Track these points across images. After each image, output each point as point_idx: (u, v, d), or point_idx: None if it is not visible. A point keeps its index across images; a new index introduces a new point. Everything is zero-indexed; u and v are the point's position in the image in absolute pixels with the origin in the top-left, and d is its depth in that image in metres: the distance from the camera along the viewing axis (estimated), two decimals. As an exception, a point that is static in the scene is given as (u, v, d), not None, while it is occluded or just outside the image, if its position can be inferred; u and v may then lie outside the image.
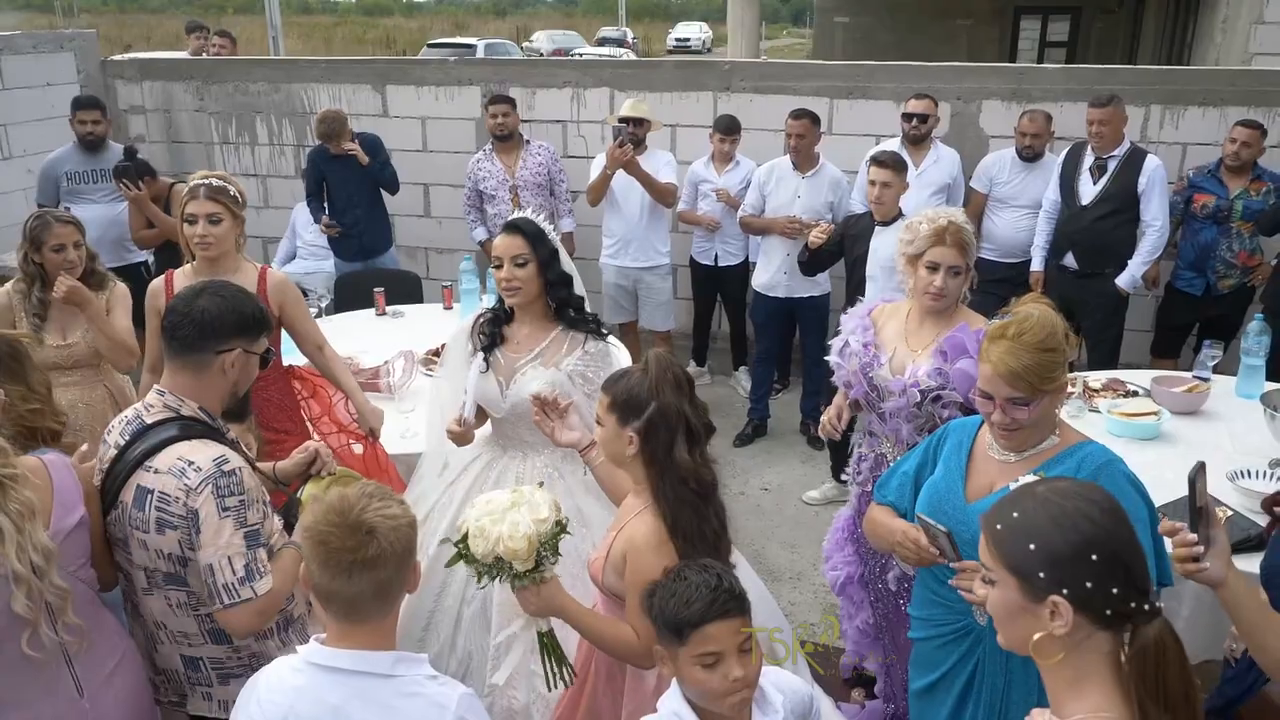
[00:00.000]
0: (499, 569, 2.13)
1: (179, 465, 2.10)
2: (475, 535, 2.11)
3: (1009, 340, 2.09)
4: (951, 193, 5.46)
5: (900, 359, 2.98)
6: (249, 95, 7.12)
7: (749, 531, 4.71)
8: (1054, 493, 1.47)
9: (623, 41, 36.22)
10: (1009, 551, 1.45)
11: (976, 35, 17.14)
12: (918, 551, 2.23)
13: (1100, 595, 1.38)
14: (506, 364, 2.94)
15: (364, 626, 1.73)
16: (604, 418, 2.26)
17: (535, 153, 5.88)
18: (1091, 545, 1.39)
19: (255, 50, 17.98)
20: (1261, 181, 4.99)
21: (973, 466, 2.28)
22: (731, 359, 6.41)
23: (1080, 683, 1.42)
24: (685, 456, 2.19)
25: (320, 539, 1.69)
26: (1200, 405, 3.80)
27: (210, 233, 3.20)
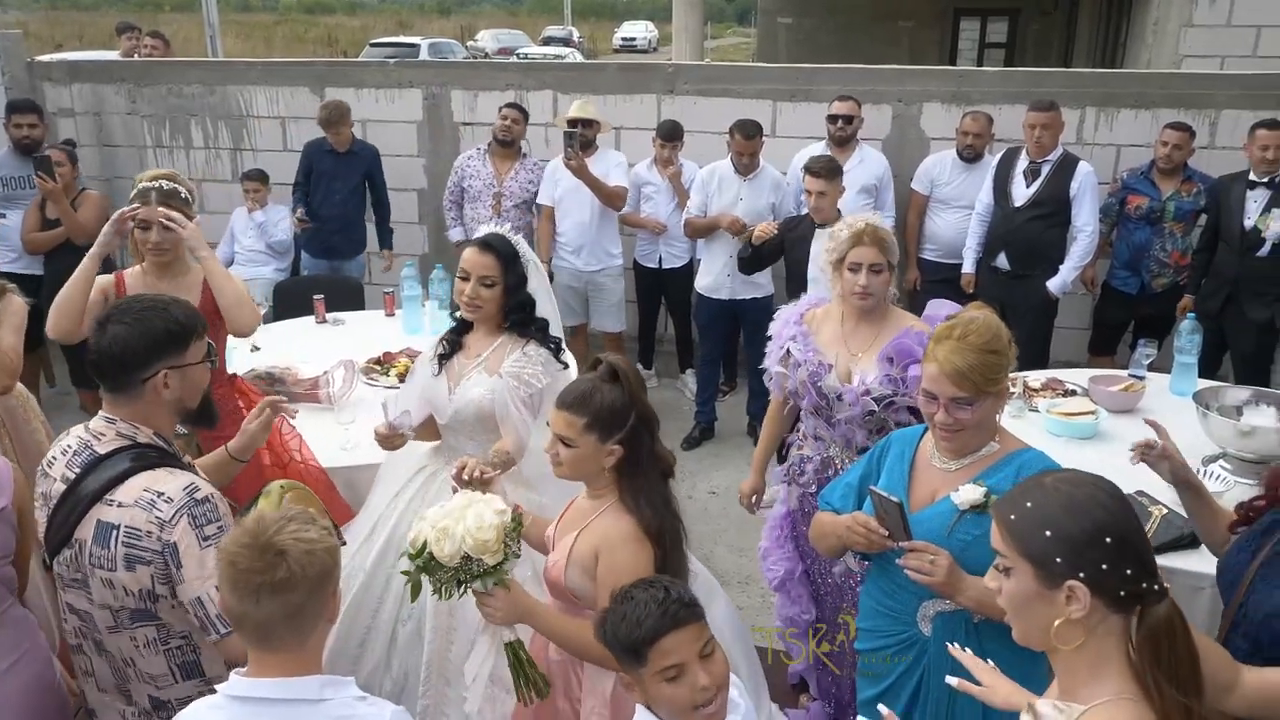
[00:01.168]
0: (467, 571, 2.07)
1: (147, 497, 2.02)
2: (439, 539, 2.05)
3: (955, 341, 2.13)
4: (879, 194, 5.52)
5: (844, 365, 3.00)
6: (183, 98, 6.96)
7: (697, 535, 4.69)
8: (1064, 482, 1.53)
9: (568, 41, 36.15)
10: (1025, 540, 1.49)
11: (918, 37, 17.35)
12: (868, 535, 2.22)
13: (1115, 577, 1.43)
14: (458, 369, 2.96)
15: (281, 654, 1.68)
16: (579, 439, 2.19)
17: (529, 168, 5.84)
18: (1104, 529, 1.44)
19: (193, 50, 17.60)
20: (1192, 183, 5.11)
21: (915, 476, 2.30)
22: (678, 361, 6.41)
23: (1099, 667, 1.46)
24: (663, 449, 2.27)
25: (229, 559, 1.64)
26: (1136, 404, 3.86)
27: (165, 239, 3.17)
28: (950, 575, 2.08)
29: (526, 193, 5.77)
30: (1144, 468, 3.20)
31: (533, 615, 2.18)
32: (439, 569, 2.07)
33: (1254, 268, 4.82)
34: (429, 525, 2.08)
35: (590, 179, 5.42)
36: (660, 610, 1.77)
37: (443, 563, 2.05)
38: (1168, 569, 2.71)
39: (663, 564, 2.19)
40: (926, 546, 2.11)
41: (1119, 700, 1.43)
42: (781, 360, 3.14)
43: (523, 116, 5.81)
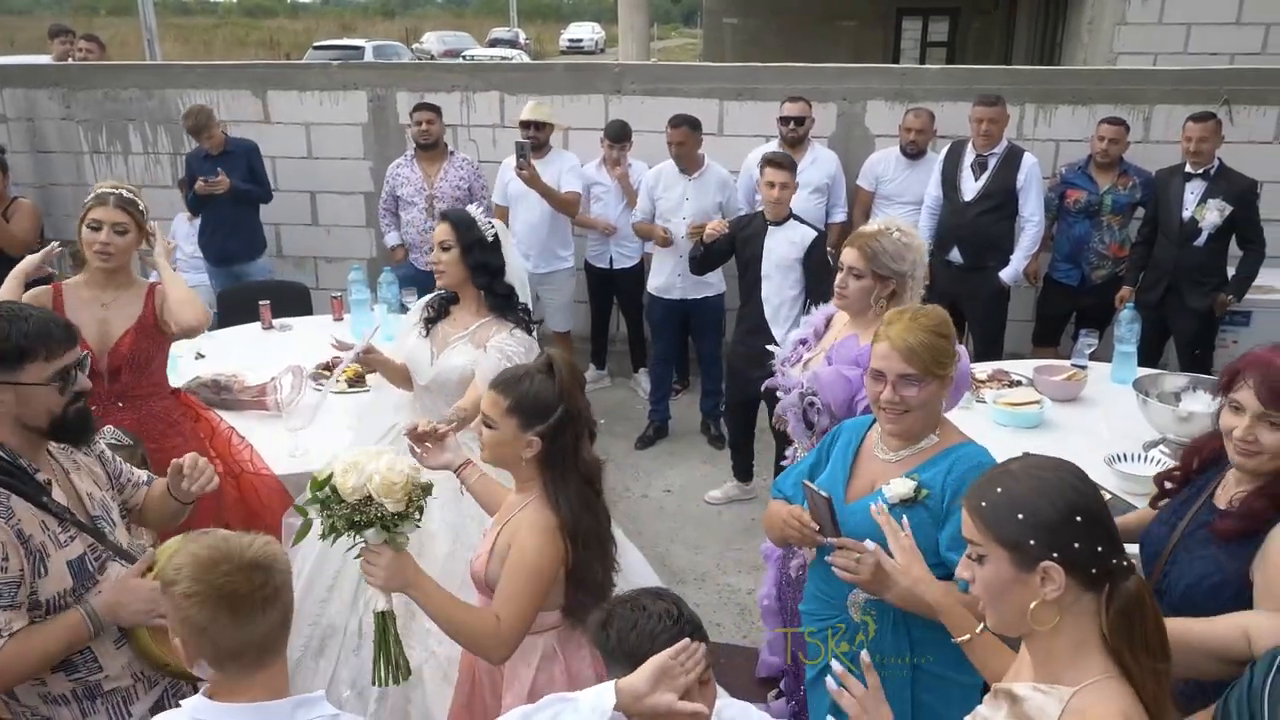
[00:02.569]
0: (363, 513, 1.99)
1: None
2: (346, 470, 1.98)
3: (907, 320, 2.19)
4: (831, 193, 5.58)
5: (817, 361, 3.04)
6: (120, 102, 6.81)
7: (652, 534, 4.71)
8: (1031, 467, 1.56)
9: (515, 43, 36.00)
10: (999, 525, 1.51)
11: (861, 36, 17.54)
12: (801, 530, 2.25)
13: (1087, 554, 1.46)
14: (442, 336, 3.18)
15: (269, 669, 1.64)
16: (500, 421, 2.20)
17: (458, 166, 5.79)
18: (1075, 508, 1.48)
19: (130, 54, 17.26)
20: (1128, 176, 5.23)
21: (858, 466, 2.34)
22: (630, 361, 6.42)
23: (1079, 649, 1.49)
24: (592, 455, 2.25)
25: (226, 592, 1.58)
26: (1078, 392, 3.95)
27: (114, 242, 3.12)
28: (876, 574, 2.09)
29: (459, 190, 5.72)
30: (1088, 454, 3.30)
31: (415, 587, 2.09)
32: (336, 503, 2.00)
33: (1191, 258, 4.95)
34: (344, 457, 2.04)
35: (542, 188, 5.41)
36: (676, 629, 1.73)
37: (343, 495, 1.99)
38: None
39: (575, 564, 2.17)
40: (853, 544, 2.13)
41: (1105, 680, 1.47)
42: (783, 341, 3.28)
43: (437, 115, 5.75)
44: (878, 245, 2.89)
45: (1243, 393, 1.96)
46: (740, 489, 5.01)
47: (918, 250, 2.94)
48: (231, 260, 6.01)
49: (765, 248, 4.44)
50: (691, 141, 5.33)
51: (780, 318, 4.40)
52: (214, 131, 5.86)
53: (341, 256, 6.65)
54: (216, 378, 3.93)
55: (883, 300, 2.91)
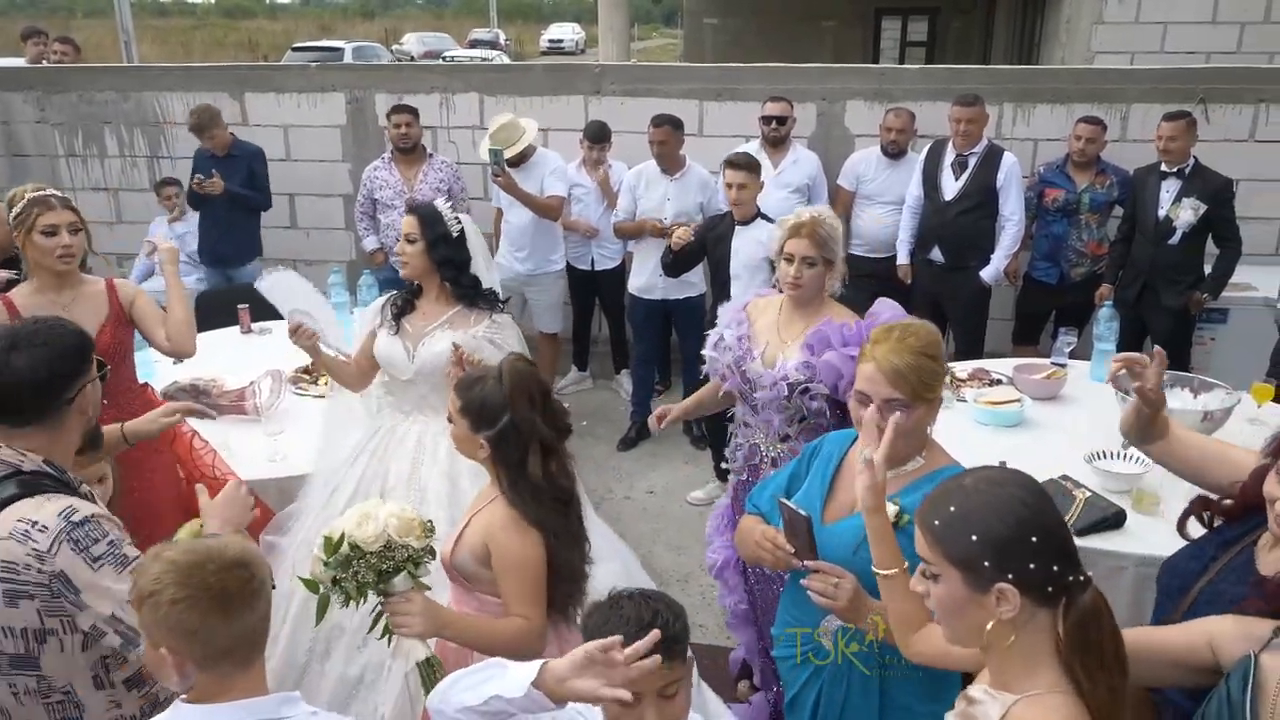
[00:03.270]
0: (389, 559, 2.02)
1: (20, 528, 1.91)
2: (360, 523, 2.00)
3: (894, 341, 2.07)
4: (812, 193, 5.58)
5: (772, 352, 3.04)
6: (95, 105, 6.76)
7: (636, 535, 4.70)
8: (984, 483, 1.52)
9: (495, 43, 35.89)
10: (951, 545, 1.48)
11: (841, 36, 17.60)
12: (774, 552, 2.16)
13: (1042, 574, 1.44)
14: (415, 330, 3.18)
15: (253, 668, 1.65)
16: (456, 419, 2.27)
17: (438, 168, 5.76)
18: (1028, 528, 1.45)
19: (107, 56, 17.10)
20: (1105, 175, 5.26)
21: (838, 483, 2.25)
22: (613, 362, 6.41)
23: (1031, 661, 1.48)
24: (537, 471, 2.23)
25: (217, 591, 1.58)
26: (1058, 391, 3.97)
27: (74, 243, 3.11)
28: (854, 600, 2.02)
29: (439, 193, 5.67)
30: (1068, 452, 3.31)
31: (451, 625, 2.16)
32: (358, 560, 2.01)
33: (1167, 256, 4.98)
34: (347, 515, 2.06)
35: (521, 194, 5.39)
36: (638, 632, 1.72)
37: (364, 548, 2.00)
38: (1091, 550, 2.79)
39: (552, 555, 2.21)
40: (831, 569, 2.04)
41: (1050, 694, 1.45)
42: (715, 345, 3.20)
43: (415, 117, 5.71)
44: (824, 231, 2.98)
45: None
46: (723, 489, 5.00)
47: (841, 234, 3.09)
48: (224, 263, 6.02)
49: (733, 248, 4.45)
50: (673, 141, 5.33)
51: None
52: (217, 132, 5.84)
53: (321, 259, 6.61)
54: (195, 382, 3.91)
55: (829, 284, 3.02)
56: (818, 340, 2.92)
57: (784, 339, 3.05)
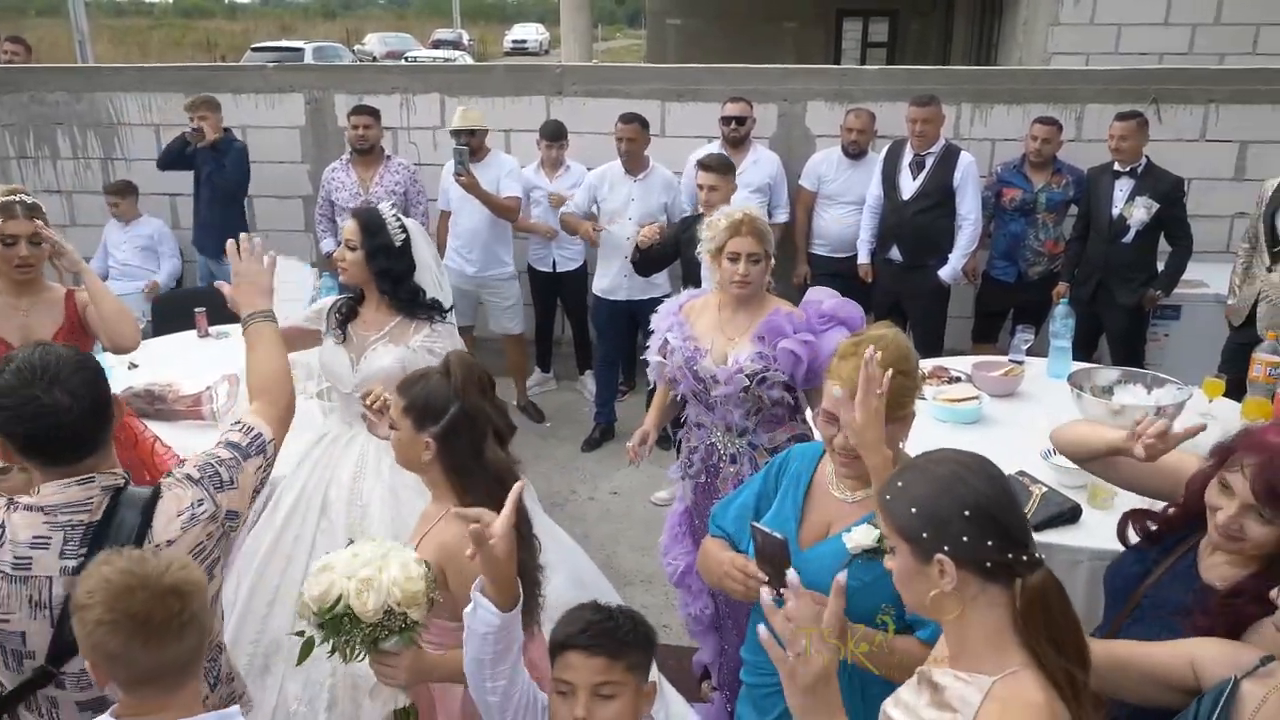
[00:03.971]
0: (386, 626, 1.90)
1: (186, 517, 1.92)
2: (360, 590, 1.86)
3: (861, 359, 1.94)
4: (773, 193, 5.62)
5: (720, 349, 3.06)
6: (47, 105, 6.64)
7: (600, 536, 4.70)
8: (931, 461, 1.58)
9: (458, 44, 35.75)
10: (897, 517, 1.54)
11: (802, 37, 17.69)
12: (745, 582, 2.03)
13: (977, 549, 1.47)
14: (358, 341, 3.11)
15: (183, 690, 1.61)
16: (399, 422, 2.20)
17: (395, 170, 5.72)
18: (964, 504, 1.49)
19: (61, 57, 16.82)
20: (1061, 175, 5.34)
21: (810, 503, 2.15)
22: (576, 364, 6.40)
23: (996, 640, 1.50)
24: (499, 454, 2.19)
25: (141, 620, 1.52)
26: (1016, 388, 4.01)
27: (33, 254, 3.08)
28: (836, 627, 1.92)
29: (396, 195, 5.66)
30: (1025, 448, 3.35)
31: (436, 670, 2.07)
32: (354, 627, 1.89)
33: (1121, 254, 5.06)
34: (342, 577, 1.90)
35: (482, 194, 5.36)
36: (583, 625, 1.77)
37: (362, 619, 1.88)
38: (1047, 545, 2.82)
39: None
40: (810, 595, 1.92)
41: (1023, 670, 1.48)
42: (660, 350, 3.21)
43: (375, 119, 5.69)
44: (763, 226, 3.03)
45: (1236, 477, 1.80)
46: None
47: None
48: (209, 253, 6.07)
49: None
50: (641, 139, 5.34)
51: (720, 319, 4.42)
52: (210, 116, 5.83)
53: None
54: (150, 387, 3.84)
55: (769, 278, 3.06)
56: (769, 330, 2.96)
57: (729, 335, 3.06)
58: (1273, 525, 1.77)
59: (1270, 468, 1.75)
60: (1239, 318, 4.65)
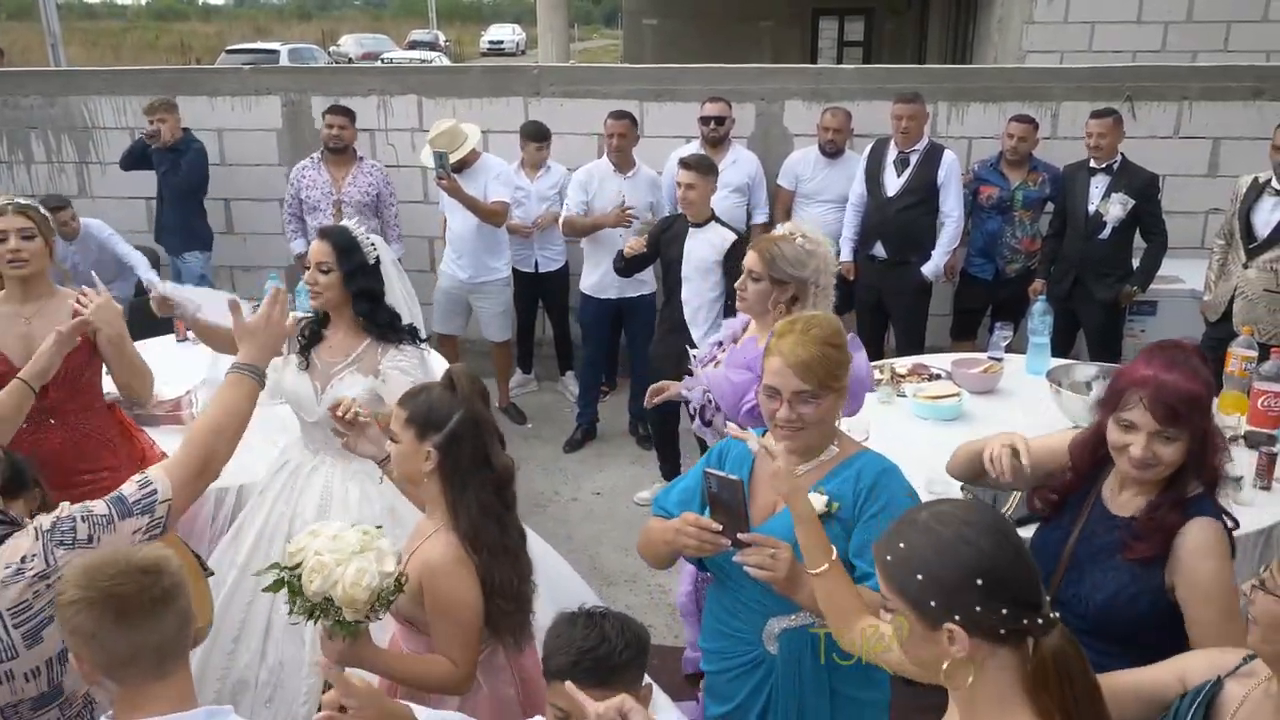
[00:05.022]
0: (322, 610, 1.97)
1: (10, 571, 1.84)
2: (314, 570, 1.93)
3: (798, 334, 2.08)
4: (751, 193, 5.64)
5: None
6: (21, 109, 6.58)
7: (583, 537, 4.70)
8: (935, 520, 1.48)
9: (435, 44, 35.65)
10: (900, 583, 1.47)
11: (779, 36, 17.77)
12: (699, 536, 2.04)
13: (991, 617, 1.40)
14: (323, 368, 2.99)
15: (170, 678, 1.61)
16: (400, 434, 2.21)
17: (367, 171, 5.70)
18: (974, 571, 1.41)
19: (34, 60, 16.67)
20: (1037, 172, 5.38)
21: (756, 485, 2.20)
22: (558, 364, 6.40)
23: (1004, 703, 1.44)
24: (505, 459, 2.22)
25: (113, 595, 1.54)
26: (995, 384, 4.04)
27: (24, 248, 2.98)
28: (792, 570, 1.97)
29: (367, 196, 5.64)
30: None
31: (372, 665, 2.11)
32: (298, 594, 1.98)
33: (1097, 250, 5.11)
34: (313, 550, 1.96)
35: (465, 198, 5.33)
36: (575, 658, 1.77)
37: (305, 593, 1.96)
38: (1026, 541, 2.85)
39: (488, 573, 2.16)
40: (766, 540, 1.99)
41: None
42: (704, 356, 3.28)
43: (350, 121, 5.68)
44: (777, 250, 2.93)
45: (1134, 412, 1.95)
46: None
47: (822, 258, 2.95)
48: (171, 249, 6.11)
49: (685, 250, 4.46)
50: (631, 136, 5.36)
51: (699, 319, 4.43)
52: (168, 117, 5.81)
53: (259, 264, 6.51)
54: (128, 393, 3.81)
55: (781, 305, 2.93)
56: (732, 356, 2.95)
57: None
58: (1178, 441, 1.95)
59: (1161, 392, 1.92)
60: (1215, 313, 4.71)
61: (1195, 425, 1.95)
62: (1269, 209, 4.51)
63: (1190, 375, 1.95)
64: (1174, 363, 1.96)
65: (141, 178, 6.12)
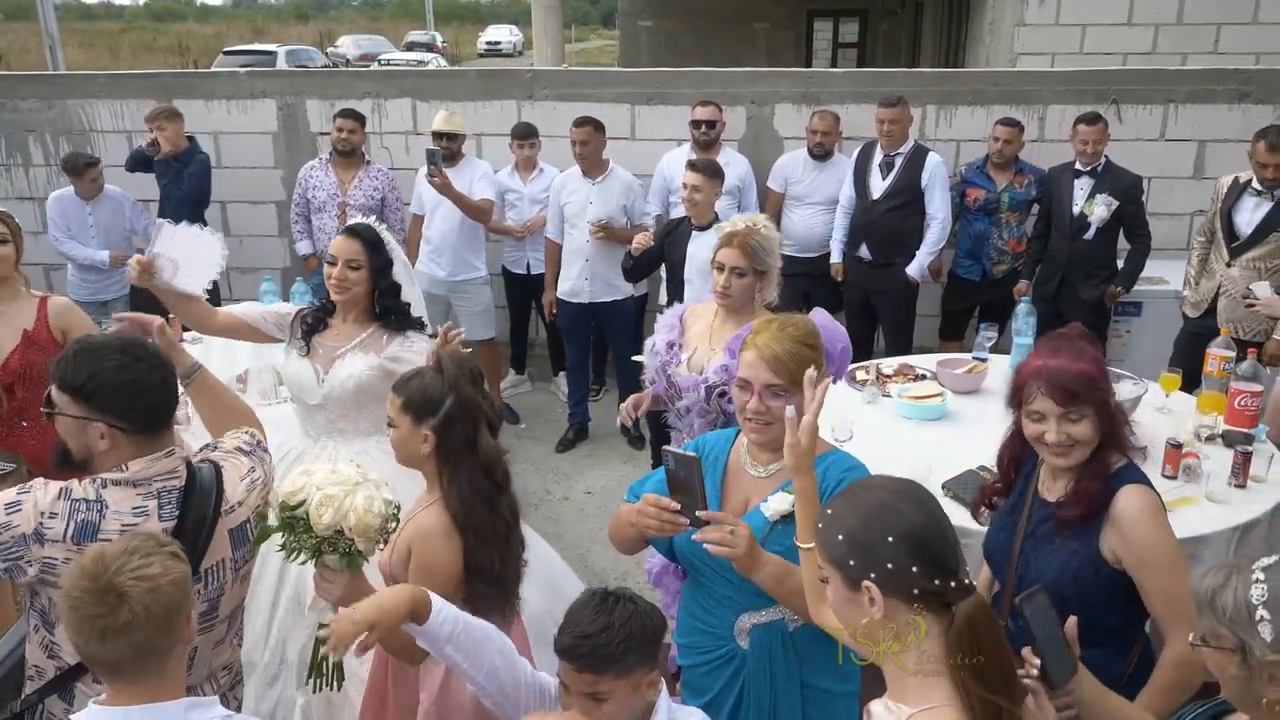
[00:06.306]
0: (331, 544, 2.03)
1: (247, 482, 2.14)
2: (321, 504, 1.98)
3: (775, 330, 2.17)
4: (742, 196, 5.69)
5: (699, 357, 3.12)
6: (19, 113, 6.63)
7: (575, 535, 4.76)
8: (860, 488, 1.60)
9: (432, 46, 35.63)
10: (826, 545, 1.55)
11: (773, 37, 17.82)
12: (659, 516, 2.03)
13: (901, 575, 1.47)
14: (325, 353, 3.08)
15: (138, 685, 1.66)
16: (397, 419, 2.29)
17: (373, 175, 5.77)
18: (889, 529, 1.49)
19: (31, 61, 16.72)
20: (1024, 175, 5.45)
21: (728, 484, 2.27)
22: (550, 365, 6.45)
23: (927, 674, 1.49)
24: (491, 443, 2.29)
25: (70, 603, 1.60)
26: (979, 384, 4.09)
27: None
28: (751, 547, 2.00)
29: (372, 200, 5.70)
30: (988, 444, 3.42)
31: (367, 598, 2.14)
32: (304, 532, 2.01)
33: (1082, 251, 5.17)
34: (314, 486, 2.02)
35: (455, 195, 5.40)
36: (573, 642, 1.82)
37: (314, 529, 2.00)
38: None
39: (468, 555, 2.23)
40: (724, 517, 2.03)
41: (943, 707, 1.46)
42: (649, 349, 3.29)
43: (360, 124, 5.75)
44: (756, 243, 3.04)
45: (1038, 402, 2.08)
46: (660, 488, 5.08)
47: (777, 244, 3.14)
48: None
49: (689, 252, 4.52)
50: (595, 142, 5.38)
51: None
52: (169, 127, 5.72)
53: (254, 267, 6.56)
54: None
55: (761, 294, 3.06)
56: (737, 344, 2.99)
57: (714, 345, 3.12)
58: (1085, 419, 2.07)
59: (1055, 377, 2.05)
60: (1197, 310, 4.78)
61: (1095, 399, 2.06)
62: (1251, 208, 4.59)
63: (1077, 356, 2.08)
64: (1059, 349, 2.10)
65: (143, 181, 6.14)
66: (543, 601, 3.05)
